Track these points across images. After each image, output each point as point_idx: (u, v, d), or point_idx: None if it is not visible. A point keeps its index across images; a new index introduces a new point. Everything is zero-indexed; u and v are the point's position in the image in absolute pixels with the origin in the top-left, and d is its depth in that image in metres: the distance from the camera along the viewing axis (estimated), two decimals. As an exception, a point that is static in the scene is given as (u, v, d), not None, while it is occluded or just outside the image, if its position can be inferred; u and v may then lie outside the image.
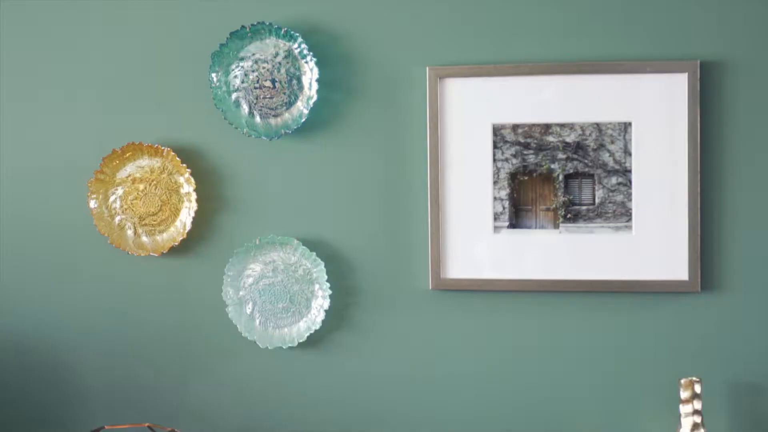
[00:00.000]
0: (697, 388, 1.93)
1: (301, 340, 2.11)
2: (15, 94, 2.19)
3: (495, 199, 2.07)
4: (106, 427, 2.03)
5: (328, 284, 2.10)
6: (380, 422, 2.12)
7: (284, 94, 2.11)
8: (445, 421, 2.10)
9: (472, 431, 2.10)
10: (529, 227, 2.06)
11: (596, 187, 2.04)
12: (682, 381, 1.93)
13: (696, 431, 1.93)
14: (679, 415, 1.94)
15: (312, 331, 2.11)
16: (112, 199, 2.17)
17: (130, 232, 2.16)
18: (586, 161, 2.04)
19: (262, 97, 2.11)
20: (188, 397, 2.17)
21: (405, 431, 2.11)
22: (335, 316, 2.12)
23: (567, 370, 2.07)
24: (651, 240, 2.02)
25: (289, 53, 2.10)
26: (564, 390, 2.07)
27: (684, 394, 1.93)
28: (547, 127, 2.04)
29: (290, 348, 2.13)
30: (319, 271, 2.11)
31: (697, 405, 1.93)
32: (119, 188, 2.16)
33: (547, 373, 2.07)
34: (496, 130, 2.06)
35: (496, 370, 2.09)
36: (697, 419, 1.93)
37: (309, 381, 2.14)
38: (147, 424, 2.03)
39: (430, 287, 2.08)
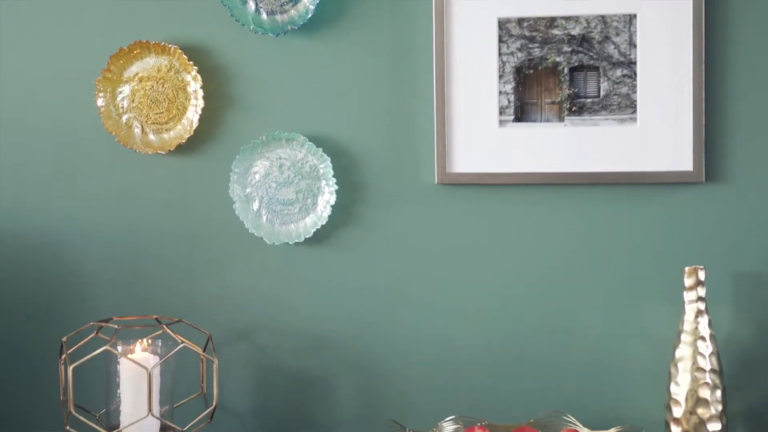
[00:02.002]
0: (701, 275, 1.93)
1: (307, 236, 2.13)
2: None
3: (500, 93, 2.07)
4: (114, 318, 2.05)
5: (334, 179, 2.11)
6: (386, 317, 2.13)
7: (290, -10, 2.12)
8: (450, 312, 2.11)
9: (476, 323, 2.11)
10: (535, 121, 2.07)
11: (601, 80, 2.04)
12: (686, 269, 1.94)
13: (699, 318, 1.94)
14: (683, 303, 1.95)
15: (318, 227, 2.12)
16: (119, 97, 2.17)
17: (137, 131, 2.17)
18: (591, 54, 2.04)
19: (268, -7, 2.12)
20: (195, 292, 2.18)
21: (411, 325, 2.13)
22: (341, 212, 2.13)
23: (572, 261, 2.08)
24: (655, 131, 2.03)
25: (295, -51, 2.11)
26: (569, 281, 2.08)
27: (688, 282, 1.94)
28: (552, 20, 2.05)
29: (297, 244, 2.14)
30: (326, 166, 2.11)
31: (701, 292, 1.94)
32: (126, 86, 2.17)
33: (552, 264, 2.08)
34: (502, 24, 2.06)
35: (500, 262, 2.10)
36: (701, 306, 1.94)
37: (315, 276, 2.15)
38: (154, 317, 2.04)
39: (436, 181, 2.09)
